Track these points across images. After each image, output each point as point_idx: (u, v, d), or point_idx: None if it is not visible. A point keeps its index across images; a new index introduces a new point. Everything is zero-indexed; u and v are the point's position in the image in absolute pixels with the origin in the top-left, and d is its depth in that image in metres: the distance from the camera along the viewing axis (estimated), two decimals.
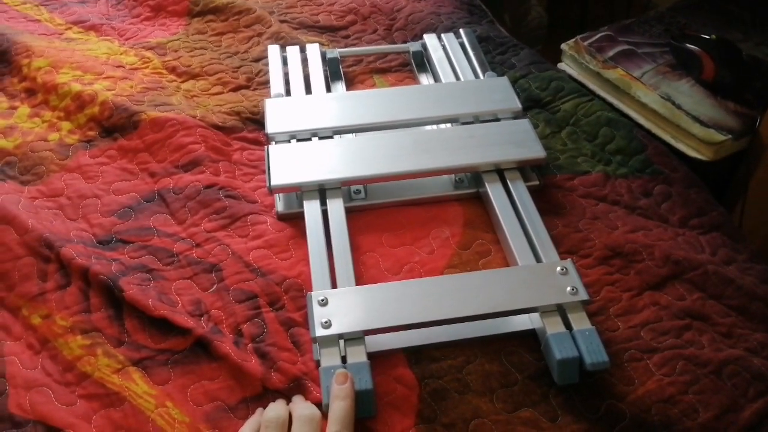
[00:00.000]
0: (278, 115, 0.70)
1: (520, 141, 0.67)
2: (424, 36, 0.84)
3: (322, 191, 0.64)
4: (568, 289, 0.54)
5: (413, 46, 0.83)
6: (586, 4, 1.51)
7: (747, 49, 0.84)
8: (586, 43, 0.83)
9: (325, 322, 0.51)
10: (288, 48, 0.82)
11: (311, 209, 0.62)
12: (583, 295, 0.53)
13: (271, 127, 0.68)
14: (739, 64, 0.76)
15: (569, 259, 0.57)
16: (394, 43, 0.89)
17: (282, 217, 0.64)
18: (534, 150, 0.66)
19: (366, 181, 0.65)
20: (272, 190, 0.63)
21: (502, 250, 0.62)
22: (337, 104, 0.72)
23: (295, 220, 0.63)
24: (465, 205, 0.66)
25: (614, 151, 0.73)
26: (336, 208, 0.62)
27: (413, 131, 0.69)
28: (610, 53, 0.81)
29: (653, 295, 0.59)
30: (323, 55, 0.82)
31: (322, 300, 0.52)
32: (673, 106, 0.74)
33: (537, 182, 0.68)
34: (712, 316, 0.58)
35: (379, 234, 0.63)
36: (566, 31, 1.48)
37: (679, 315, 0.57)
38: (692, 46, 0.77)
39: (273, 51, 0.82)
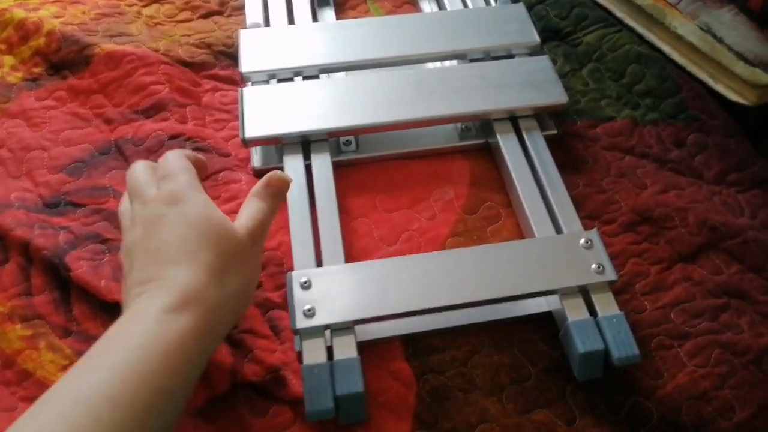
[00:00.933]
0: (255, 51, 0.59)
1: (539, 83, 0.57)
2: None
3: (305, 143, 0.55)
4: (593, 266, 0.46)
5: None
6: None
7: None
8: None
9: (309, 310, 0.43)
10: None
11: (293, 166, 0.53)
12: (610, 275, 0.46)
13: (246, 65, 0.58)
14: None
15: (594, 229, 0.49)
16: None
17: (259, 174, 0.55)
18: (554, 94, 0.57)
19: (358, 131, 0.55)
20: (246, 143, 0.54)
21: (514, 214, 0.54)
22: (325, 36, 0.61)
23: None
24: (472, 159, 0.58)
25: (643, 92, 0.63)
26: (322, 164, 0.54)
27: (414, 70, 0.59)
28: None
29: (685, 268, 0.52)
30: None
31: (305, 282, 0.45)
32: (713, 40, 0.63)
33: (555, 131, 0.59)
34: (752, 293, 0.51)
35: (372, 195, 0.54)
36: None
37: (714, 292, 0.50)
38: None
39: None
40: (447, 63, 0.63)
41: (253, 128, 0.54)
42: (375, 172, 0.56)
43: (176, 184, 0.37)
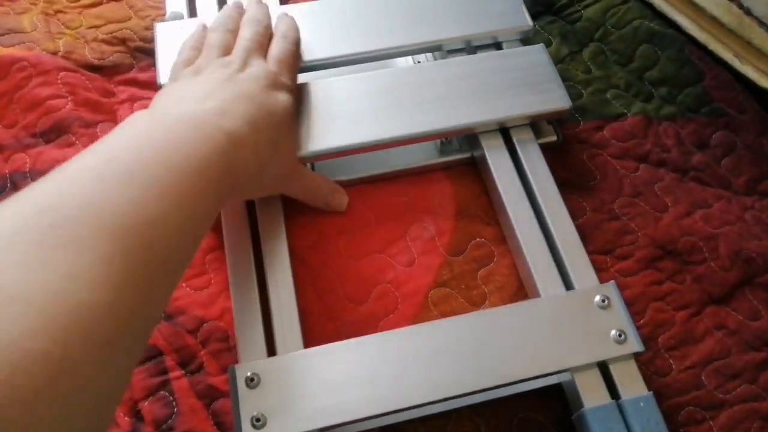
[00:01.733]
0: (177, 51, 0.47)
1: (534, 82, 0.46)
2: None
3: None
4: (613, 333, 0.37)
5: None
6: None
7: None
8: None
9: (257, 420, 0.34)
10: None
11: (232, 205, 0.42)
12: (634, 345, 0.37)
13: (165, 73, 0.45)
14: None
15: (611, 282, 0.39)
16: None
17: None
18: (554, 98, 0.46)
19: (313, 158, 0.44)
20: None
21: (508, 252, 0.44)
22: None
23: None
24: (455, 180, 0.47)
25: (657, 80, 0.53)
26: (268, 198, 0.43)
27: (378, 74, 0.47)
28: None
29: (718, 312, 0.43)
30: None
31: (252, 379, 0.35)
32: (740, 12, 0.52)
33: (554, 138, 0.48)
34: None
35: (335, 237, 0.44)
36: None
37: (753, 344, 0.42)
38: None
39: None
40: (421, 58, 0.51)
41: None
42: None
43: (284, 75, 0.40)
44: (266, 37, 0.42)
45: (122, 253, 0.25)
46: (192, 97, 0.35)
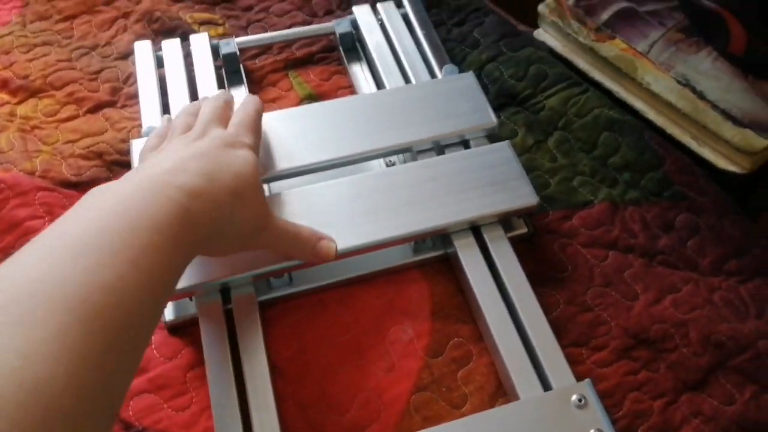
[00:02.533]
0: None
1: (501, 180, 0.48)
2: (354, 10, 0.61)
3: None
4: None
5: (340, 26, 0.60)
6: None
7: None
8: (570, 2, 0.61)
9: None
10: (164, 44, 0.58)
11: (208, 318, 0.43)
12: None
13: None
14: None
15: (587, 381, 0.40)
16: (314, 10, 0.66)
17: (174, 328, 0.45)
18: (521, 194, 0.47)
19: (289, 269, 0.45)
20: None
21: (486, 349, 0.45)
22: None
23: (193, 329, 0.44)
24: (430, 278, 0.48)
25: (620, 165, 0.55)
26: (246, 308, 0.43)
27: (353, 179, 0.48)
28: (604, 16, 0.60)
29: (693, 399, 0.43)
30: (215, 49, 0.58)
31: None
32: (694, 96, 0.55)
33: (525, 230, 0.50)
34: None
35: (315, 345, 0.44)
36: None
37: (729, 429, 0.42)
38: (711, 3, 0.57)
39: (142, 50, 0.58)
40: (391, 160, 0.53)
41: None
42: (315, 310, 0.46)
43: (246, 138, 0.41)
44: (227, 111, 0.43)
45: (78, 323, 0.25)
46: (150, 164, 0.36)
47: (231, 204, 0.36)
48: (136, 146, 0.48)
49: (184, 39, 0.59)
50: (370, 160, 0.51)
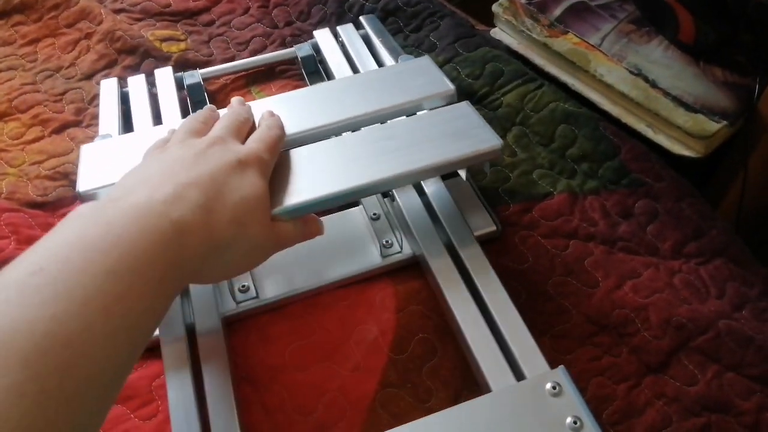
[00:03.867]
0: (96, 166, 0.45)
1: (464, 130, 0.47)
2: (315, 35, 0.62)
3: (185, 294, 0.45)
4: (568, 421, 0.38)
5: (301, 50, 0.61)
6: None
7: None
8: (523, 0, 0.62)
9: None
10: (129, 80, 0.59)
11: (169, 332, 0.43)
12: (591, 430, 0.38)
13: (83, 183, 0.44)
14: (722, 12, 0.58)
15: (560, 368, 0.40)
16: (274, 21, 0.67)
17: None
18: (485, 139, 0.46)
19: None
20: None
21: (450, 342, 0.45)
22: None
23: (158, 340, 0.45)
24: (395, 276, 0.49)
25: (578, 157, 0.56)
26: (207, 323, 0.44)
27: (324, 144, 0.47)
28: (557, 11, 0.62)
29: (656, 381, 0.44)
30: (179, 82, 0.59)
31: None
32: (647, 85, 0.56)
33: (494, 228, 0.50)
34: (734, 400, 0.43)
35: (280, 352, 0.45)
36: None
37: (693, 410, 0.43)
38: None
39: (107, 88, 0.58)
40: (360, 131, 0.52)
41: None
42: (279, 319, 0.47)
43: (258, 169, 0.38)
44: (246, 126, 0.42)
45: (34, 380, 0.23)
46: (148, 183, 0.33)
47: (231, 236, 0.34)
48: (85, 149, 0.47)
49: (147, 57, 0.60)
50: (347, 130, 0.50)
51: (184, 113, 0.57)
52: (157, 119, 0.55)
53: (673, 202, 0.53)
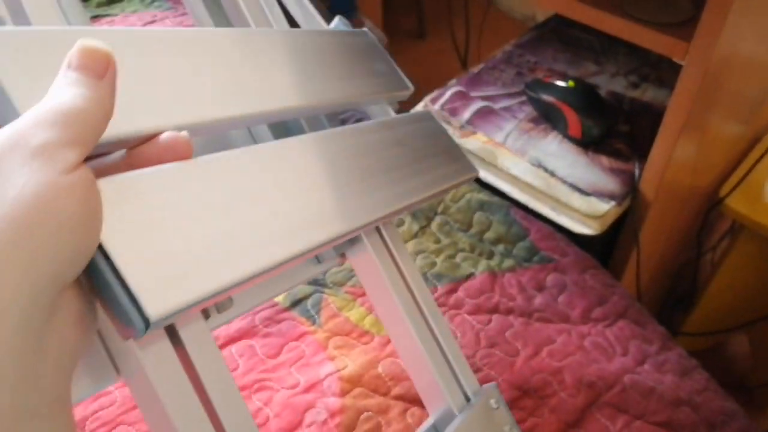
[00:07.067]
0: None
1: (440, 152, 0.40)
2: None
3: None
4: (506, 429, 0.42)
5: None
6: (421, 9, 1.42)
7: (604, 82, 0.77)
8: (436, 106, 0.72)
9: None
10: None
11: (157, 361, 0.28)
12: None
13: None
14: (601, 109, 0.69)
15: (493, 384, 0.42)
16: None
17: None
18: (465, 168, 0.41)
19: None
20: None
21: (394, 419, 0.50)
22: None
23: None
24: (339, 357, 0.54)
25: (494, 240, 0.63)
26: (198, 340, 0.30)
27: (269, 151, 0.31)
28: (466, 115, 0.71)
29: None
30: None
31: None
32: (546, 174, 0.65)
33: None
34: None
35: None
36: (405, 40, 1.39)
37: None
38: (550, 98, 0.69)
39: None
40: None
41: None
42: None
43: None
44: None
45: None
46: None
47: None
48: None
49: None
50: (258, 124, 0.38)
51: None
52: None
53: (578, 274, 0.61)
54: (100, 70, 0.23)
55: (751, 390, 0.94)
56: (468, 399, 0.41)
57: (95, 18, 0.82)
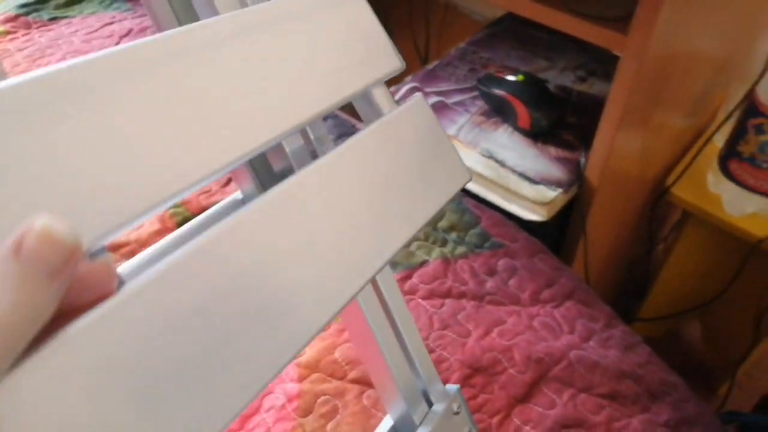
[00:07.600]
0: None
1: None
2: None
3: None
4: (465, 431, 0.44)
5: None
6: (382, 12, 1.44)
7: (553, 77, 0.80)
8: None
9: None
10: None
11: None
12: None
13: None
14: (550, 102, 0.72)
15: (457, 387, 0.44)
16: None
17: None
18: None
19: None
20: None
21: (351, 403, 0.52)
22: None
23: None
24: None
25: (448, 228, 0.66)
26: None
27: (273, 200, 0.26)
28: None
29: (523, 410, 0.52)
30: None
31: None
32: (497, 164, 0.68)
33: None
34: (587, 416, 0.52)
35: None
36: None
37: (554, 429, 0.51)
38: (501, 92, 0.72)
39: None
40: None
41: None
42: None
43: None
44: None
45: None
46: None
47: None
48: None
49: None
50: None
51: None
52: None
53: (528, 259, 0.63)
54: (55, 267, 0.17)
55: (706, 372, 0.98)
56: (430, 404, 0.41)
57: (53, 20, 0.83)
